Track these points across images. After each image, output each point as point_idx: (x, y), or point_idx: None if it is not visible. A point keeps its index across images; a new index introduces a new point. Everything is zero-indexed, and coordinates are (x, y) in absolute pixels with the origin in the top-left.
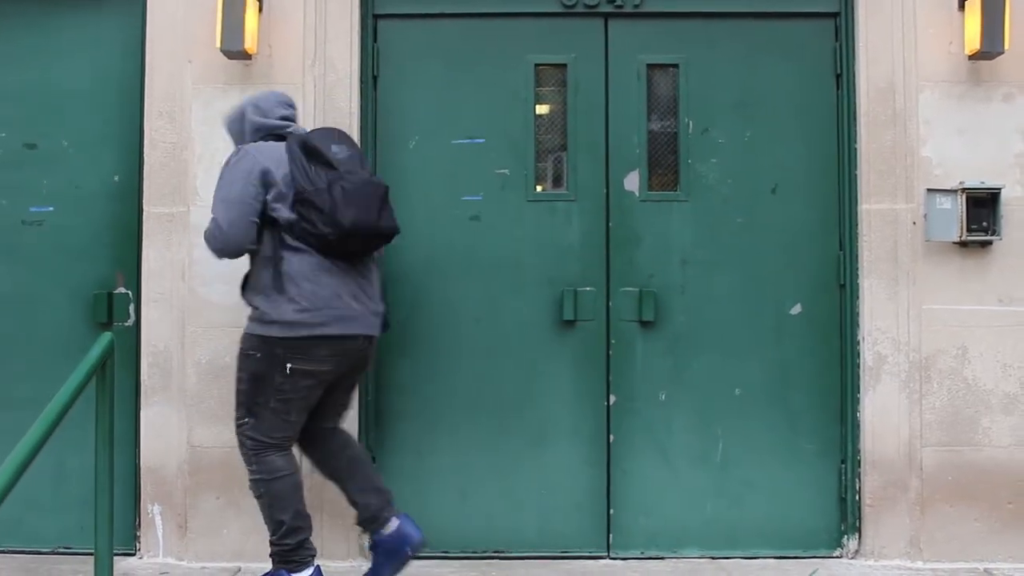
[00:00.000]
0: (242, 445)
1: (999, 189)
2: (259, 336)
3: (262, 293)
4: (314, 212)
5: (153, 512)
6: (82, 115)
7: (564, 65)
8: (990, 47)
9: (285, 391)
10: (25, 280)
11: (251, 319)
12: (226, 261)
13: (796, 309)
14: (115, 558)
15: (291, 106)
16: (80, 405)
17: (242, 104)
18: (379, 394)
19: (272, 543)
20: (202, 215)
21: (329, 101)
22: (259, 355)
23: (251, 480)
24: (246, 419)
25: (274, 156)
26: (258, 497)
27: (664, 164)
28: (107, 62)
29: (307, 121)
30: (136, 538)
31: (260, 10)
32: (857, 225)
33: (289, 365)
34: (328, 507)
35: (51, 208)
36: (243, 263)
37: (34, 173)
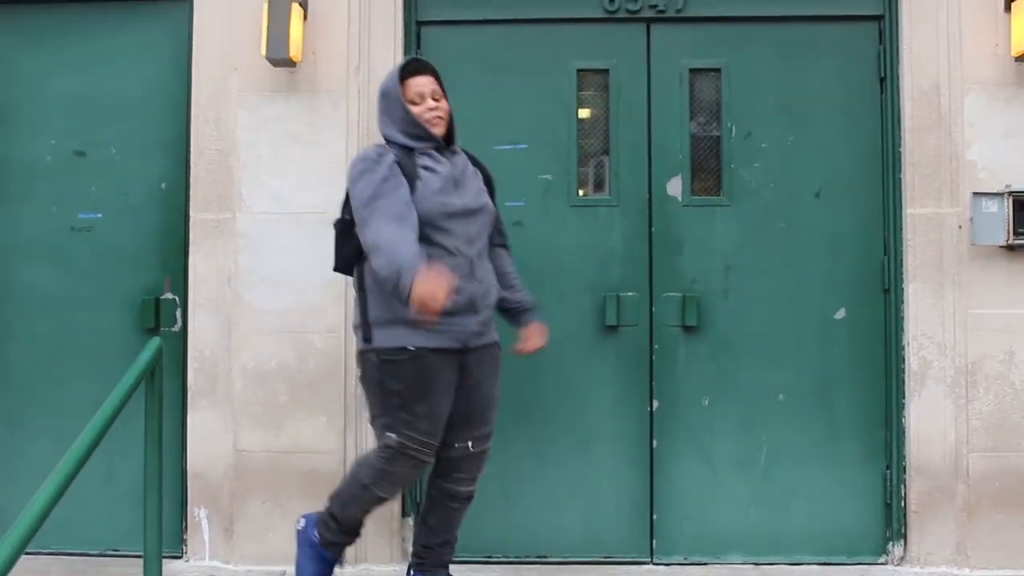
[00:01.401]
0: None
1: None
2: None
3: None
4: None
5: (199, 516)
6: (130, 123)
7: (606, 70)
8: None
9: None
10: (74, 286)
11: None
12: (270, 266)
13: (840, 314)
14: (162, 561)
15: None
16: (128, 409)
17: None
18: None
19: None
20: (248, 221)
21: (373, 108)
22: None
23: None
24: None
25: None
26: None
27: (707, 169)
28: (154, 70)
29: (351, 127)
30: (183, 541)
31: (304, 18)
32: (902, 229)
33: None
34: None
35: (99, 215)
36: (287, 269)
37: (83, 180)
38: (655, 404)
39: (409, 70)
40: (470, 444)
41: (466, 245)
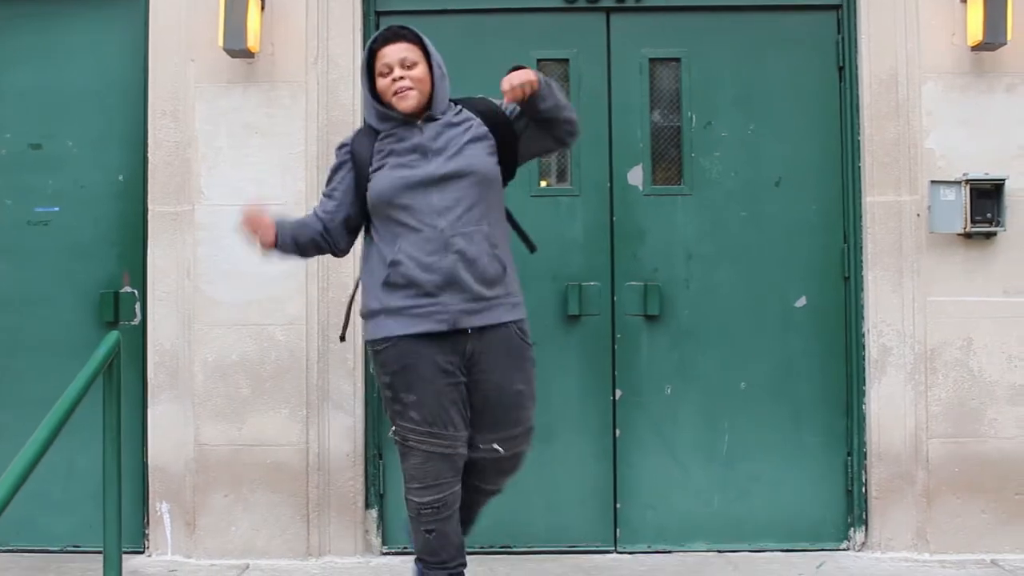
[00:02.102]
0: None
1: (1003, 180)
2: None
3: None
4: None
5: (161, 510)
6: (86, 115)
7: (567, 60)
8: (993, 38)
9: None
10: (31, 280)
11: (519, 303)
12: (230, 258)
13: (801, 302)
14: (124, 556)
15: None
16: (88, 404)
17: None
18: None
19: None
20: (207, 213)
21: (332, 98)
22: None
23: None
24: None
25: None
26: None
27: (667, 158)
28: (110, 62)
29: (310, 118)
30: (145, 536)
31: (262, 8)
32: (861, 217)
33: None
34: (335, 501)
35: (56, 208)
36: (247, 261)
37: (39, 173)
38: (618, 393)
39: (380, 40)
40: (496, 446)
41: (434, 216)
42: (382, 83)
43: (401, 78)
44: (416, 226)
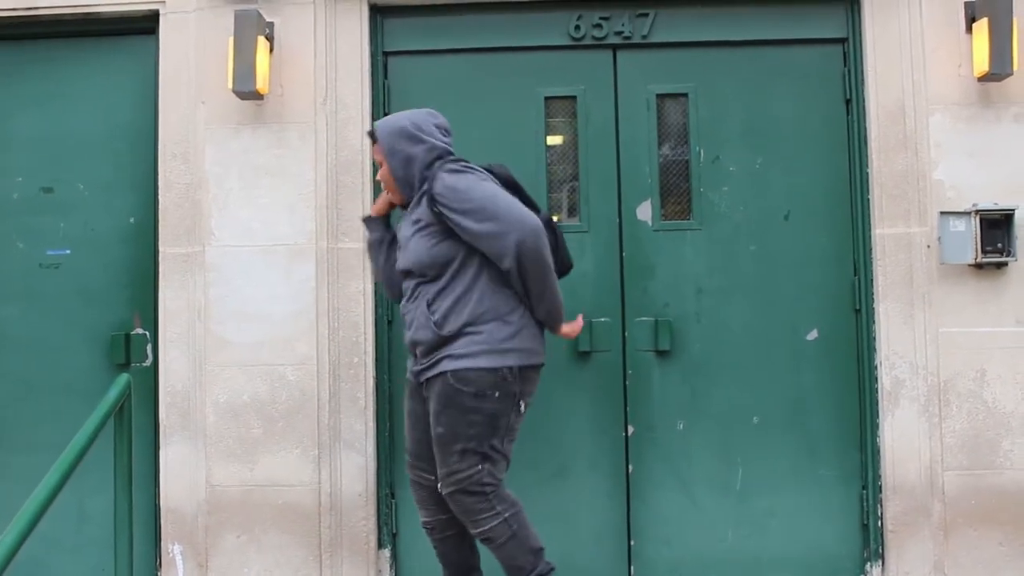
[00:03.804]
0: (479, 495)
1: (1013, 210)
2: (494, 368)
3: (495, 319)
4: None
5: (174, 552)
6: (97, 158)
7: (574, 97)
8: (999, 68)
9: (514, 427)
10: (43, 323)
11: (476, 352)
12: (241, 299)
13: (812, 335)
14: None
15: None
16: (100, 446)
17: (405, 122)
18: (395, 429)
19: None
20: (218, 254)
21: (341, 139)
22: (497, 393)
23: (494, 525)
24: (480, 465)
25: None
26: (509, 538)
27: (676, 193)
28: (121, 105)
29: (319, 158)
30: None
31: (271, 51)
32: (871, 250)
33: (522, 400)
34: (348, 541)
35: (68, 251)
36: (257, 301)
37: (51, 217)
38: (630, 429)
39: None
40: (437, 482)
41: (404, 297)
42: None
43: (379, 181)
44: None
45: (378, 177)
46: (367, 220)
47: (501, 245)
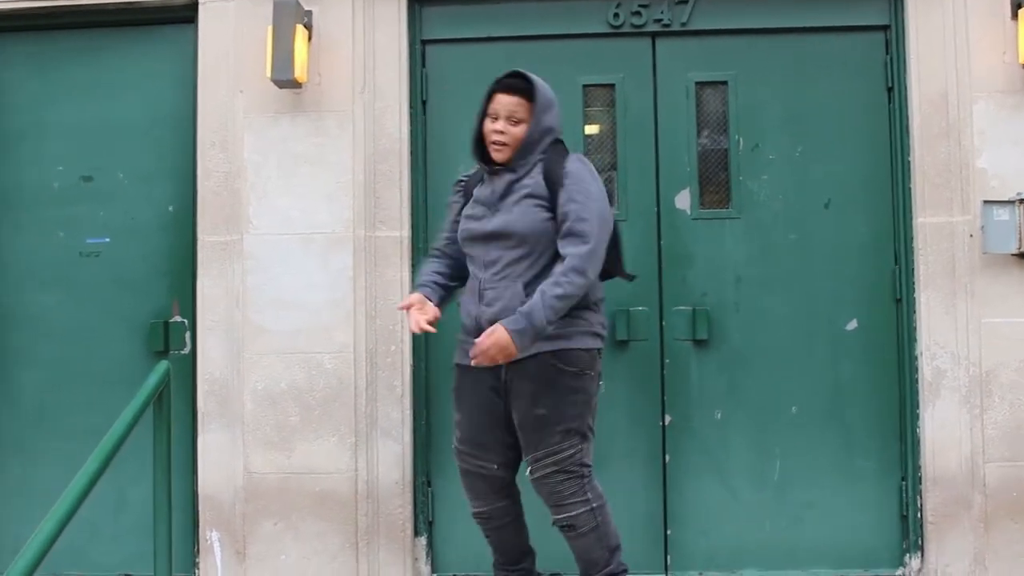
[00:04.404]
0: (576, 476)
1: None
2: (589, 350)
3: (586, 300)
4: (612, 249)
5: (211, 539)
6: (136, 147)
7: (612, 85)
8: None
9: (595, 406)
10: (83, 311)
11: (574, 333)
12: (278, 287)
13: (852, 325)
14: None
15: None
16: (139, 433)
17: (552, 94)
18: (431, 418)
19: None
20: (255, 243)
21: (379, 127)
22: (593, 372)
23: (581, 512)
24: (580, 445)
25: None
26: (592, 529)
27: (715, 181)
28: (160, 94)
29: (357, 147)
30: (195, 565)
31: (309, 39)
32: (912, 239)
33: (601, 380)
34: (384, 529)
35: (107, 239)
36: (295, 289)
37: (90, 205)
38: (667, 419)
39: (500, 85)
40: (529, 467)
41: (480, 269)
42: (487, 126)
43: (501, 132)
44: (472, 274)
45: (504, 129)
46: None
47: (571, 252)
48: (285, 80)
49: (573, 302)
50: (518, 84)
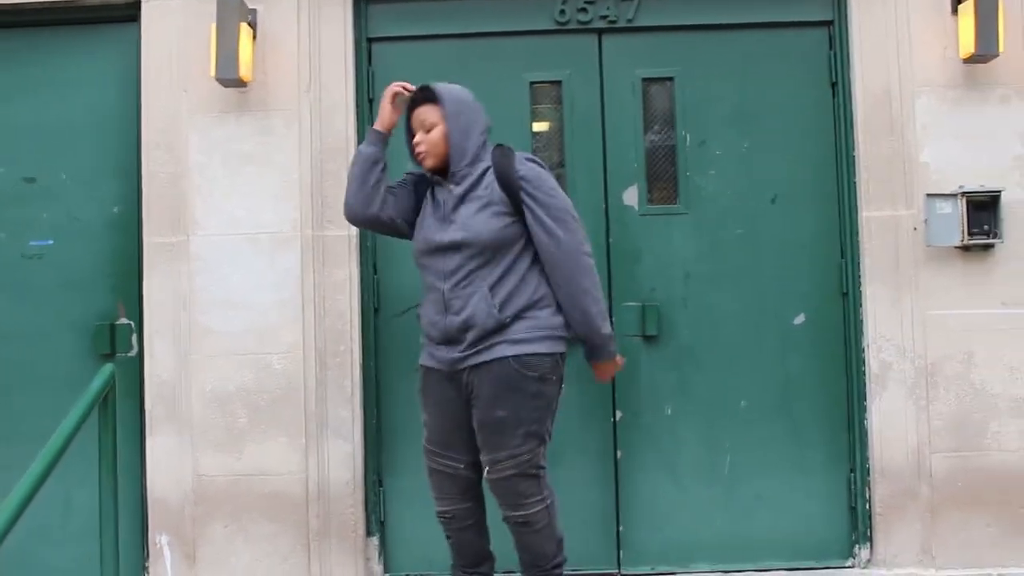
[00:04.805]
0: (534, 477)
1: (999, 192)
2: (552, 355)
3: (549, 305)
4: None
5: (161, 543)
6: (80, 147)
7: (559, 82)
8: (985, 50)
9: (555, 409)
10: (26, 314)
11: (537, 338)
12: (226, 288)
13: (799, 319)
14: None
15: None
16: (86, 438)
17: (468, 94)
18: (382, 417)
19: (549, 569)
20: (201, 244)
21: (326, 125)
22: (555, 377)
23: (539, 510)
24: (539, 448)
25: None
26: (546, 525)
27: (663, 177)
28: (103, 94)
29: (303, 146)
30: (145, 569)
31: (254, 38)
32: (858, 233)
33: (562, 383)
34: (336, 529)
35: (51, 241)
36: (243, 290)
37: (33, 207)
38: (618, 415)
39: (411, 104)
40: (485, 468)
41: (440, 280)
42: (414, 140)
43: (419, 142)
44: (430, 285)
45: (420, 139)
46: (372, 131)
47: (555, 249)
48: (230, 79)
49: (598, 289)
50: (426, 94)
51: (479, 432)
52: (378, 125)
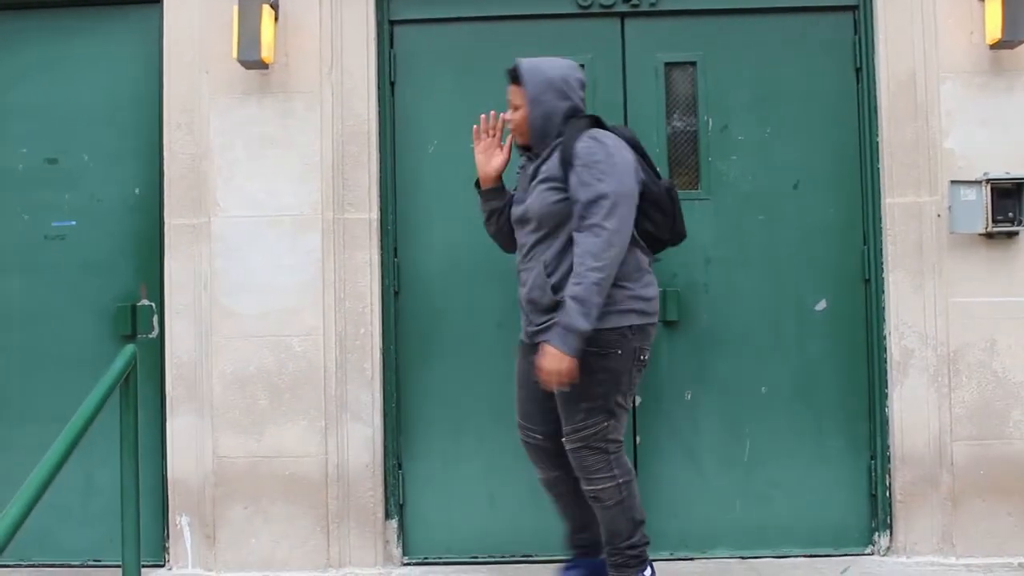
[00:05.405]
0: (601, 452)
1: None
2: (615, 329)
3: (617, 284)
4: (658, 214)
5: (181, 523)
6: (102, 129)
7: (581, 66)
8: (1012, 35)
9: (635, 381)
10: (49, 295)
11: (603, 313)
12: (247, 270)
13: (821, 305)
14: (144, 570)
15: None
16: (107, 419)
17: (555, 75)
18: (401, 400)
19: (623, 549)
20: (224, 225)
21: (347, 108)
22: (620, 351)
23: (607, 487)
24: (606, 422)
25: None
26: (616, 503)
27: (684, 163)
28: (125, 75)
29: (325, 128)
30: (165, 549)
31: (276, 20)
32: (881, 219)
33: (642, 354)
34: (355, 512)
35: (73, 223)
36: (264, 272)
37: (55, 188)
38: (638, 400)
39: (508, 79)
40: (545, 440)
41: (518, 254)
42: None
43: (509, 119)
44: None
45: (508, 117)
46: (481, 192)
47: (581, 246)
48: (251, 61)
49: (598, 289)
50: (510, 74)
51: (557, 404)
52: (483, 182)
